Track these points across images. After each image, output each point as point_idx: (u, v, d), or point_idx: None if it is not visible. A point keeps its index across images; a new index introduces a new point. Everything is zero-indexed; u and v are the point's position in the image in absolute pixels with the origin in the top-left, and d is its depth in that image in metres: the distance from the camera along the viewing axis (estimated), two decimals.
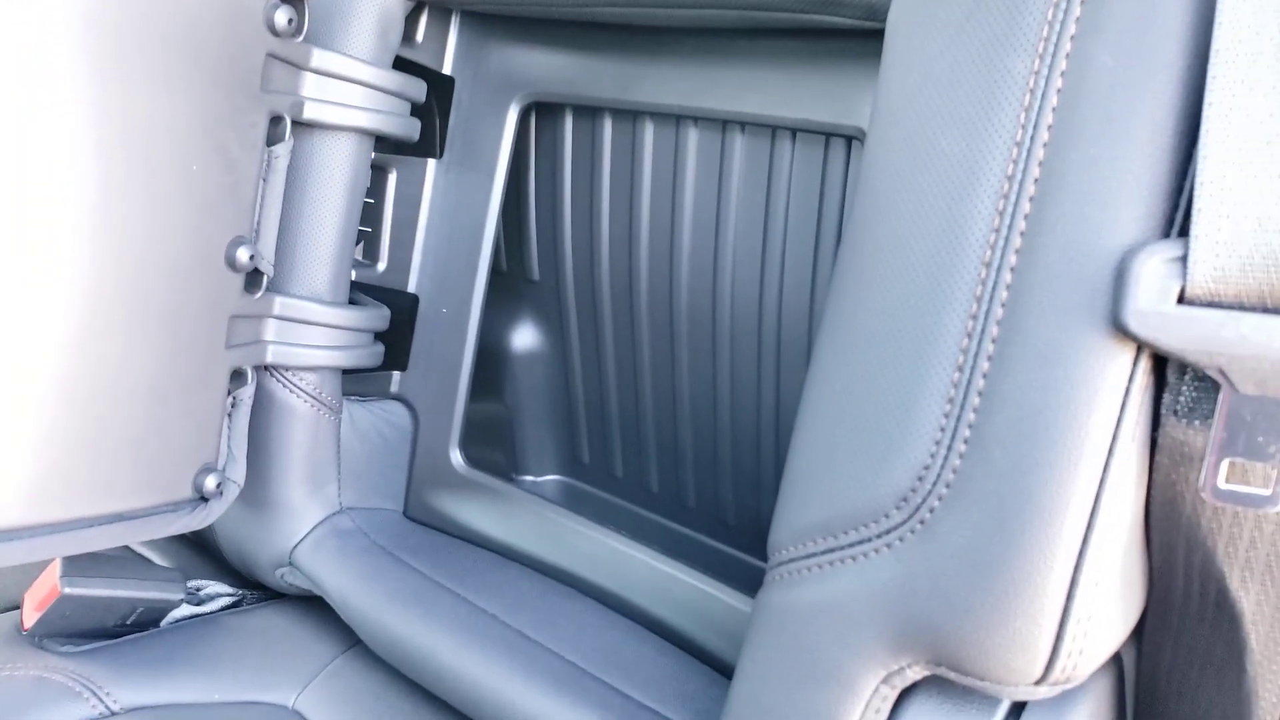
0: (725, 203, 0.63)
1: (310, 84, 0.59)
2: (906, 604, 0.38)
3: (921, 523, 0.38)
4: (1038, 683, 0.37)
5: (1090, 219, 0.34)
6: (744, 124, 0.60)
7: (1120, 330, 0.33)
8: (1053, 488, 0.35)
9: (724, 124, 0.61)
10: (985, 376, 0.36)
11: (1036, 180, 0.36)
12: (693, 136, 0.63)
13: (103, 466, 0.52)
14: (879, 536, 0.39)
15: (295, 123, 0.59)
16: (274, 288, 0.61)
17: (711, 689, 0.54)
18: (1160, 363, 0.35)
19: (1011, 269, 0.36)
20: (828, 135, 0.57)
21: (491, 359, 0.78)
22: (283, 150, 0.58)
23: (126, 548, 0.74)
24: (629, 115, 0.65)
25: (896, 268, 0.39)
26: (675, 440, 0.72)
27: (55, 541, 0.50)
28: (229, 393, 0.59)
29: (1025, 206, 0.36)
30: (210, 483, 0.58)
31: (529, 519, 0.66)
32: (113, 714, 0.55)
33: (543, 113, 0.70)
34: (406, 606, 0.60)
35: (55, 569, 0.58)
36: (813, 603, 0.41)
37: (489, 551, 0.67)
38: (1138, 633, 0.42)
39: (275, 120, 0.58)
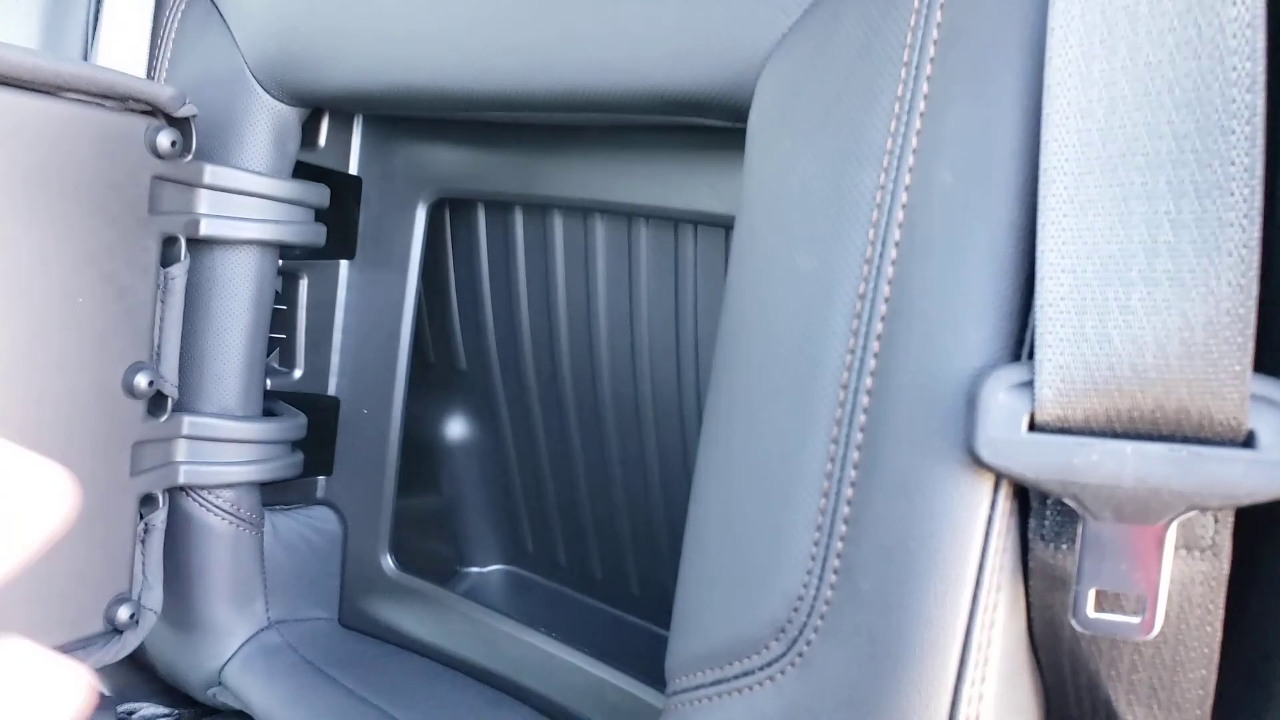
0: (637, 291, 0.62)
1: (204, 201, 0.59)
2: None
3: (800, 655, 0.36)
4: None
5: (938, 341, 0.33)
6: (648, 215, 0.60)
7: (974, 459, 0.32)
8: (921, 620, 0.34)
9: (629, 215, 0.61)
10: (850, 504, 0.35)
11: (887, 299, 0.35)
12: (600, 227, 0.62)
13: (7, 607, 0.51)
14: (761, 669, 0.37)
15: (192, 240, 0.58)
16: (182, 407, 0.60)
17: None
18: (1023, 488, 0.33)
19: (868, 392, 0.35)
20: (727, 228, 0.56)
21: (427, 451, 0.77)
22: (179, 270, 0.57)
23: None
24: (538, 208, 0.65)
25: (761, 388, 0.38)
26: (612, 527, 0.71)
27: None
28: (141, 518, 0.58)
29: (878, 327, 0.35)
30: (123, 614, 0.57)
31: (462, 623, 0.65)
32: None
33: (455, 207, 0.69)
34: None
35: None
36: None
37: (422, 658, 0.66)
38: None
39: (169, 241, 0.57)
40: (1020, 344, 0.33)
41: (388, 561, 0.68)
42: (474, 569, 0.79)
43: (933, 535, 0.33)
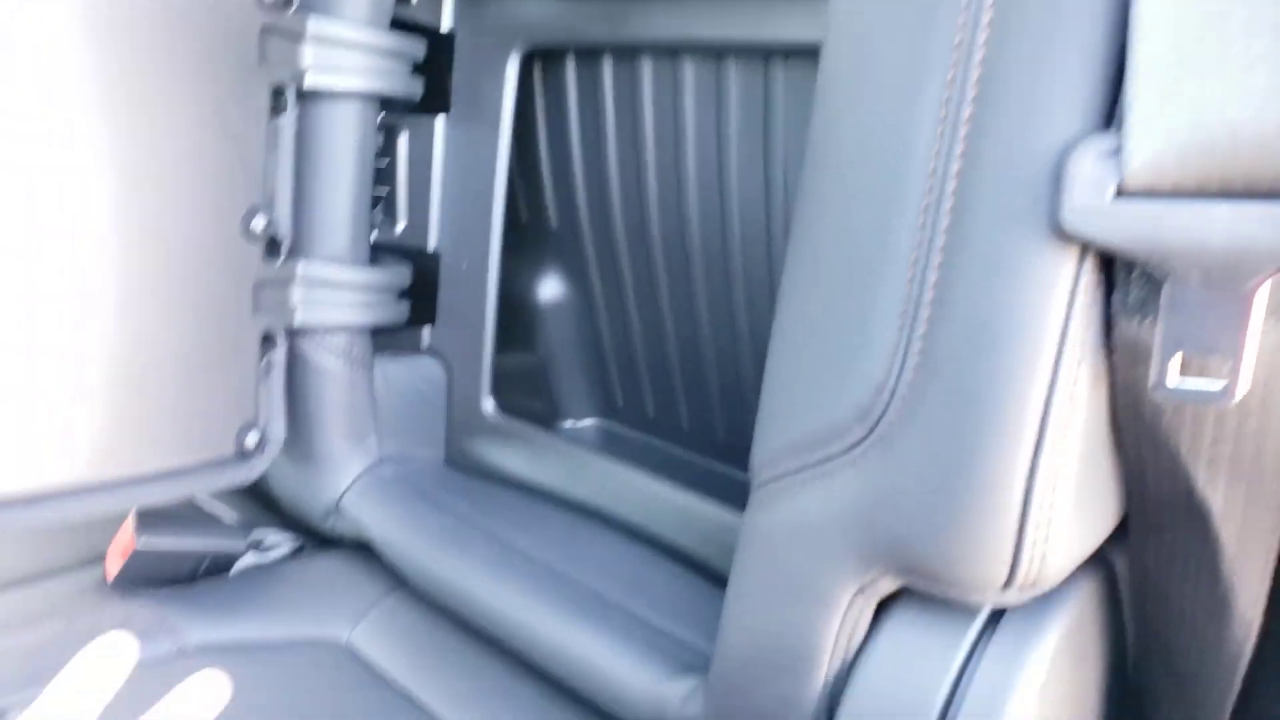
0: (725, 137, 0.63)
1: (308, 53, 0.61)
2: (871, 518, 0.38)
3: (881, 438, 0.38)
4: (1004, 588, 0.37)
5: (1028, 118, 0.34)
6: (737, 52, 0.60)
7: (1061, 231, 0.33)
8: (1001, 396, 0.35)
9: (718, 55, 0.61)
10: (933, 289, 0.36)
11: (977, 81, 0.35)
12: (689, 71, 0.63)
13: (153, 428, 0.57)
14: (843, 454, 0.39)
15: (298, 92, 0.61)
16: (296, 253, 0.64)
17: None
18: (1108, 262, 0.34)
19: (956, 176, 0.36)
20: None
21: (521, 309, 0.80)
22: (287, 121, 0.61)
23: (196, 505, 0.80)
24: (627, 55, 0.65)
25: (850, 185, 0.39)
26: (700, 378, 0.73)
27: (116, 497, 0.55)
28: (262, 355, 0.63)
29: (966, 110, 0.35)
30: (251, 440, 0.62)
31: (557, 459, 0.68)
32: (185, 652, 0.61)
33: (545, 61, 0.70)
34: (444, 548, 0.63)
35: (130, 525, 0.63)
36: (788, 521, 0.42)
37: (521, 491, 0.70)
38: (1125, 536, 0.41)
39: (277, 92, 0.60)
40: (1110, 117, 0.33)
41: (488, 406, 0.71)
42: (568, 422, 0.83)
43: (1016, 312, 0.34)
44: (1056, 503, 0.36)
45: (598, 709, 0.55)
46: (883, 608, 0.41)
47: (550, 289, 0.81)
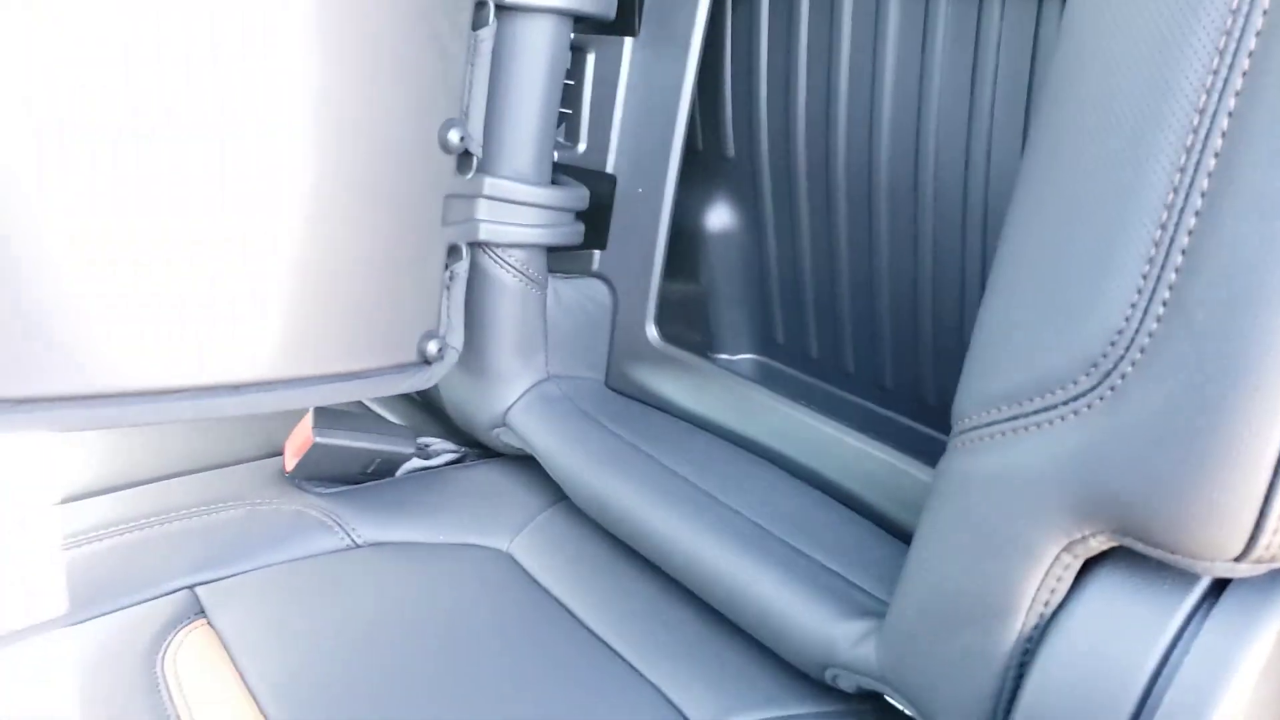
0: (929, 70, 0.60)
1: None
2: (1091, 473, 0.37)
3: (1112, 389, 0.36)
4: (1238, 559, 0.35)
5: None
6: None
7: None
8: (1261, 352, 0.32)
9: None
10: (1191, 234, 0.34)
11: (1265, 12, 0.32)
12: None
13: (339, 330, 0.59)
14: (1065, 404, 0.37)
15: (498, 6, 0.61)
16: (483, 169, 0.65)
17: (896, 559, 0.55)
18: None
19: (1229, 113, 0.33)
20: None
21: (688, 238, 0.80)
22: (487, 34, 0.61)
23: (366, 409, 0.83)
24: None
25: (1098, 121, 0.37)
26: (873, 319, 0.71)
27: (301, 393, 0.57)
28: (446, 267, 0.65)
29: (1250, 42, 0.32)
30: (432, 347, 0.64)
31: (720, 392, 0.68)
32: (356, 546, 0.64)
33: None
34: (605, 466, 0.64)
35: (308, 422, 0.66)
36: (994, 471, 0.40)
37: (682, 420, 0.70)
38: None
39: (480, 4, 0.60)
40: None
41: (652, 332, 0.71)
42: (724, 356, 0.82)
43: None
44: None
45: (757, 642, 0.55)
46: (1088, 565, 0.40)
47: (719, 218, 0.80)
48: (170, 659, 0.52)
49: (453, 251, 0.65)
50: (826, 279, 0.73)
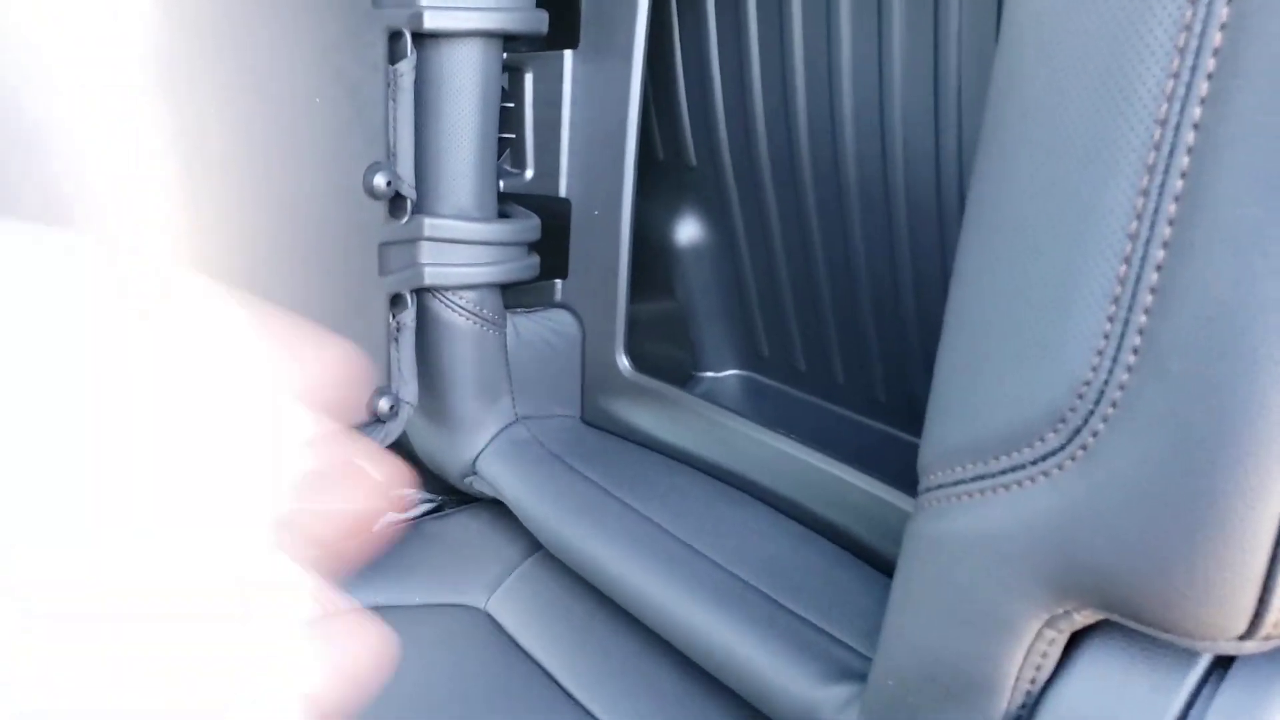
0: (888, 61, 0.55)
1: None
2: (1068, 542, 0.32)
3: (1083, 448, 0.31)
4: (1243, 637, 0.30)
5: None
6: None
7: None
8: (1253, 406, 0.27)
9: None
10: (1159, 269, 0.29)
11: (1230, 1, 0.27)
12: None
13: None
14: (1033, 463, 0.33)
15: (416, 35, 0.57)
16: (421, 210, 0.61)
17: (884, 603, 0.50)
18: None
19: (1195, 126, 0.28)
20: None
21: (659, 254, 0.75)
22: (406, 67, 0.57)
23: None
24: None
25: (1047, 133, 0.32)
26: (857, 328, 0.66)
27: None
28: (392, 317, 0.61)
29: (1215, 38, 0.27)
30: (384, 405, 0.60)
31: (698, 423, 0.64)
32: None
33: None
34: (577, 515, 0.60)
35: None
36: (964, 535, 0.36)
37: (660, 455, 0.66)
38: None
39: (394, 36, 0.56)
40: None
41: (624, 362, 0.67)
42: (709, 374, 0.78)
43: (1275, 299, 0.26)
44: None
45: (741, 701, 0.51)
46: (1080, 635, 0.35)
47: (689, 231, 0.75)
48: None
49: (396, 301, 0.61)
50: (805, 287, 0.68)
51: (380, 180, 0.56)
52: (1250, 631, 0.29)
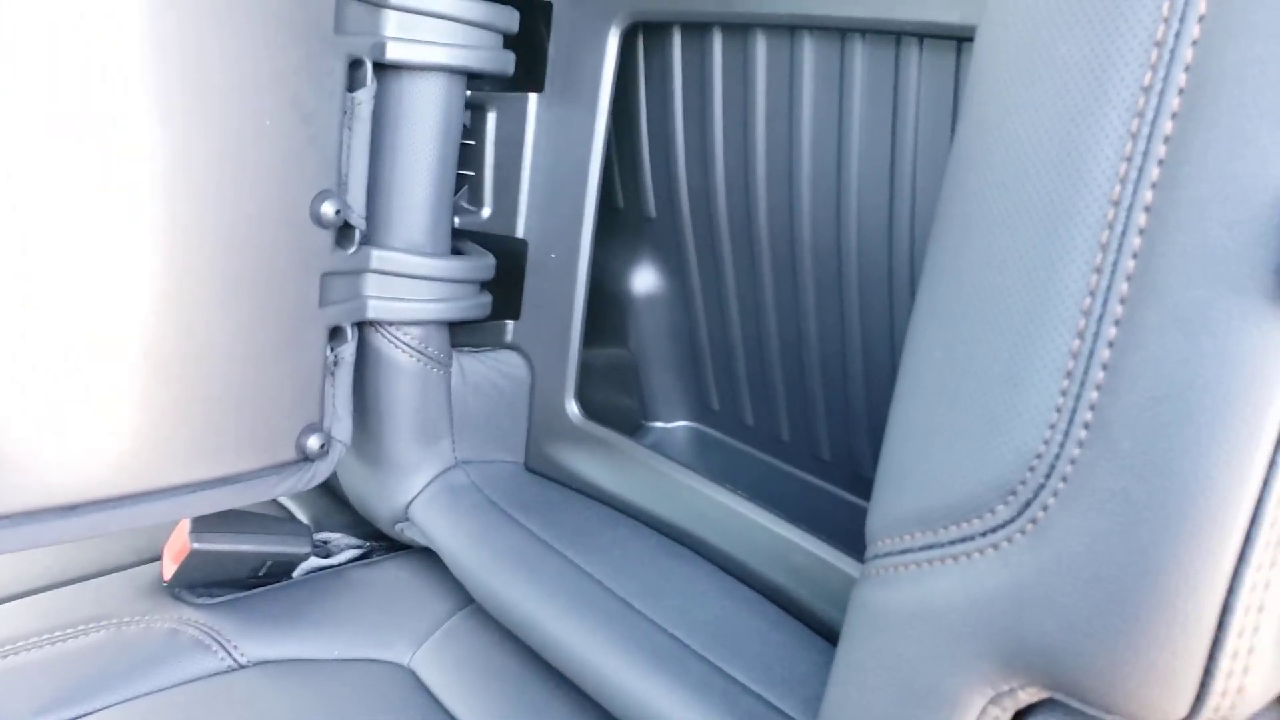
0: (847, 125, 0.55)
1: (392, 22, 0.56)
2: (1015, 619, 0.31)
3: (1033, 522, 0.31)
4: (1186, 719, 0.29)
5: (1252, 141, 0.26)
6: (864, 31, 0.52)
7: None
8: (1200, 485, 0.27)
9: (842, 33, 0.53)
10: (1111, 346, 0.29)
11: (1182, 91, 0.27)
12: (808, 49, 0.55)
13: (203, 432, 0.53)
14: (983, 535, 0.32)
15: (378, 65, 0.56)
16: (370, 241, 0.60)
17: (824, 670, 0.49)
18: None
19: (1146, 209, 0.28)
20: (959, 40, 0.48)
21: (614, 302, 0.74)
22: (365, 96, 0.56)
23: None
24: (739, 30, 0.58)
25: (1004, 206, 0.32)
26: (804, 387, 0.66)
27: (160, 508, 0.51)
28: (330, 350, 0.59)
29: (1165, 126, 0.28)
30: (314, 443, 0.58)
31: (645, 474, 0.63)
32: (240, 667, 0.57)
33: (649, 33, 0.63)
34: (514, 569, 0.58)
35: (185, 525, 0.60)
36: (910, 606, 0.35)
37: (604, 506, 0.64)
38: None
39: (355, 64, 0.55)
40: None
41: (573, 409, 0.66)
42: (658, 424, 0.77)
43: (1222, 381, 0.26)
44: (1262, 624, 0.28)
45: None
46: (1023, 714, 0.34)
47: (644, 281, 0.74)
48: None
49: (336, 334, 0.59)
50: (755, 343, 0.68)
51: (329, 208, 0.55)
52: (1193, 713, 0.29)
